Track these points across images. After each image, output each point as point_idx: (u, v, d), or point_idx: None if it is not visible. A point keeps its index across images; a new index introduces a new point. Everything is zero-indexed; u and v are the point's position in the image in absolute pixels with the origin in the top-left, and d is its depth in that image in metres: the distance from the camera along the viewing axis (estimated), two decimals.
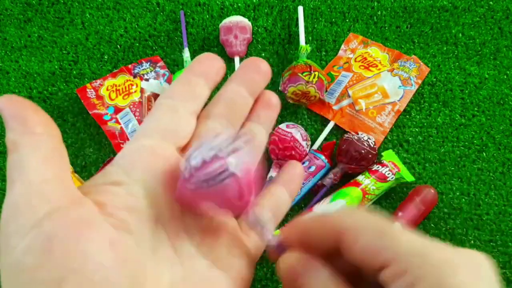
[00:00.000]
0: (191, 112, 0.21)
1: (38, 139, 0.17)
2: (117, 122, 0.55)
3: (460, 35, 0.61)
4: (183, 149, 0.21)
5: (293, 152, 0.52)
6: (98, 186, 0.18)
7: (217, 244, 0.20)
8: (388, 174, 0.51)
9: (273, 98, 0.24)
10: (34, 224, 0.15)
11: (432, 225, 0.52)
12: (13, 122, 0.16)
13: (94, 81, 0.58)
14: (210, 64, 0.22)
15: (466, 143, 0.56)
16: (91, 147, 0.56)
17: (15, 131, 0.16)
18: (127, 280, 0.16)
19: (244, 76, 0.23)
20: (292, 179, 0.24)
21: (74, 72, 0.60)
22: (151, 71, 0.59)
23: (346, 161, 0.51)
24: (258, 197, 0.23)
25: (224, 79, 0.23)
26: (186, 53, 0.58)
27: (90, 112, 0.55)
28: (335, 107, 0.57)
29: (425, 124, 0.57)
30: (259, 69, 0.23)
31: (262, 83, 0.23)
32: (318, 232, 0.18)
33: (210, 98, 0.23)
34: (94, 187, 0.18)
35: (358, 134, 0.52)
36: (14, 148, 0.16)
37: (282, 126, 0.53)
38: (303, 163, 0.53)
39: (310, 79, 0.53)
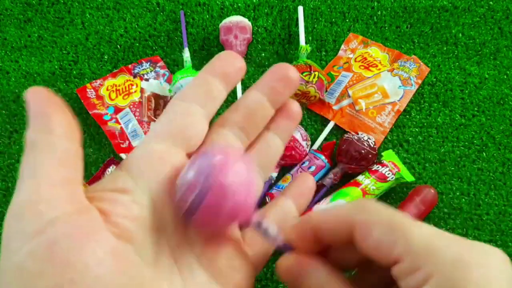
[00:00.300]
0: (205, 116, 0.21)
1: (56, 142, 0.16)
2: (117, 122, 0.55)
3: (460, 35, 0.61)
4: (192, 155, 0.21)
5: (293, 152, 0.52)
6: (104, 193, 0.18)
7: (218, 256, 0.20)
8: (388, 174, 0.51)
9: (296, 108, 0.23)
10: (38, 230, 0.15)
11: (432, 225, 0.52)
12: (36, 120, 0.16)
13: (94, 81, 0.58)
14: (230, 63, 0.21)
15: (466, 143, 0.56)
16: (91, 147, 0.56)
17: (36, 129, 0.16)
18: None
19: (269, 84, 0.21)
20: (303, 193, 0.24)
21: (74, 72, 0.60)
22: (151, 71, 0.59)
23: (346, 161, 0.51)
24: (264, 207, 0.23)
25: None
26: (186, 53, 0.58)
27: (90, 112, 0.55)
28: (335, 107, 0.57)
29: (425, 124, 0.57)
30: (287, 77, 0.21)
31: (288, 92, 0.22)
32: (330, 226, 0.18)
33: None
34: (101, 193, 0.18)
35: (358, 134, 0.52)
36: (31, 147, 0.16)
37: None
38: (303, 163, 0.53)
39: (310, 79, 0.53)
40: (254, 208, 0.19)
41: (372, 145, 0.51)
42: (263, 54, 0.61)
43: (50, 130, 0.16)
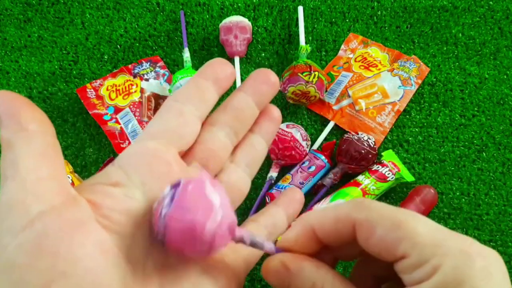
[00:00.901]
0: (198, 117, 0.21)
1: (32, 137, 0.16)
2: (117, 122, 0.55)
3: (460, 35, 0.61)
4: (185, 154, 0.21)
5: (293, 152, 0.51)
6: (96, 186, 0.18)
7: None
8: (388, 174, 0.51)
9: (276, 112, 0.24)
10: (26, 224, 0.15)
11: None
12: (6, 119, 0.16)
13: (94, 81, 0.58)
14: (221, 69, 0.22)
15: (466, 143, 0.56)
16: (91, 147, 0.56)
17: (9, 128, 0.16)
18: (117, 285, 0.16)
19: (253, 87, 0.23)
20: (291, 203, 0.25)
21: (74, 72, 0.60)
22: (151, 71, 0.59)
23: (346, 161, 0.51)
24: (255, 214, 0.24)
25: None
26: (186, 53, 0.58)
27: (90, 112, 0.55)
28: (335, 107, 0.57)
29: (425, 124, 0.57)
30: (268, 81, 0.23)
31: (270, 94, 0.23)
32: (329, 226, 0.18)
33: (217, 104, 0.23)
34: (92, 186, 0.18)
35: (358, 134, 0.52)
36: (8, 146, 0.16)
37: (282, 126, 0.53)
38: (303, 163, 0.53)
39: (310, 79, 0.53)
40: (231, 228, 0.18)
41: (372, 145, 0.51)
42: (263, 54, 0.61)
43: (24, 127, 0.16)
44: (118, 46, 0.61)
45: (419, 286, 0.15)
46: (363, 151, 0.50)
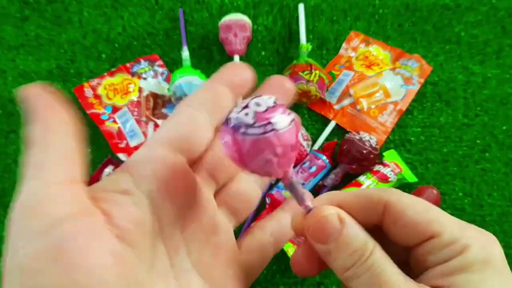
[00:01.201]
0: (211, 124, 0.20)
1: (57, 139, 0.16)
2: (115, 121, 0.54)
3: (463, 33, 0.60)
4: (195, 162, 0.21)
5: None
6: (107, 194, 0.18)
7: (214, 263, 0.20)
8: (390, 174, 0.50)
9: None
10: (44, 230, 0.15)
11: None
12: (34, 117, 0.16)
13: (91, 80, 0.57)
14: (239, 74, 0.21)
15: (469, 143, 0.55)
16: (88, 147, 0.55)
17: (35, 127, 0.16)
18: None
19: (269, 93, 0.22)
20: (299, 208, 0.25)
21: (72, 71, 0.59)
22: (149, 70, 0.58)
23: (347, 161, 0.50)
24: (262, 220, 0.23)
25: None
26: (185, 52, 0.57)
27: (87, 112, 0.55)
28: (336, 107, 0.56)
29: (427, 123, 0.56)
30: (283, 88, 0.22)
31: (285, 102, 0.22)
32: (360, 205, 0.18)
33: None
34: (103, 194, 0.18)
35: (359, 134, 0.52)
36: (32, 146, 0.16)
37: None
38: (304, 163, 0.52)
39: (311, 78, 0.52)
40: (296, 152, 0.18)
41: (373, 145, 0.51)
42: (263, 53, 0.60)
43: (50, 128, 0.16)
44: (116, 45, 0.60)
45: (446, 264, 0.16)
46: (364, 151, 0.50)
